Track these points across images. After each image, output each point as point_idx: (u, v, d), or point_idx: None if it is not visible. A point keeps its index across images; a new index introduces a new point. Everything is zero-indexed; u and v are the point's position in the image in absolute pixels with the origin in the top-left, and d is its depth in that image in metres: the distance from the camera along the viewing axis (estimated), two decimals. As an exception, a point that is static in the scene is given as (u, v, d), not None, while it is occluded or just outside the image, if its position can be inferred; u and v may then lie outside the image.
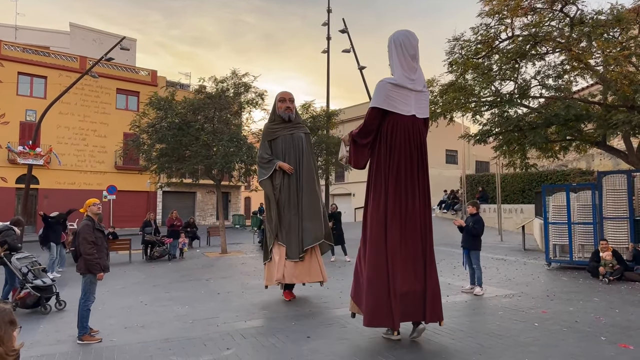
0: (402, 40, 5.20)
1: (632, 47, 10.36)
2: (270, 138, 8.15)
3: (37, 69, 27.43)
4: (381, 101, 5.09)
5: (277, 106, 8.17)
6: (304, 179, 7.96)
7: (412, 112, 5.17)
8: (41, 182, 26.80)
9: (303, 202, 7.84)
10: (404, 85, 5.11)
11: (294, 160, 7.98)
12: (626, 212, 9.74)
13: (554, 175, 20.64)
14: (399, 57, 5.17)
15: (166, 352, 5.05)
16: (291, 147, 8.04)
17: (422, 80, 5.34)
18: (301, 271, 7.60)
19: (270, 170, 7.88)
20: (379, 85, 5.15)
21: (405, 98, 5.14)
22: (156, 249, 14.56)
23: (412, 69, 5.18)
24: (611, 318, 5.99)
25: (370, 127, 5.21)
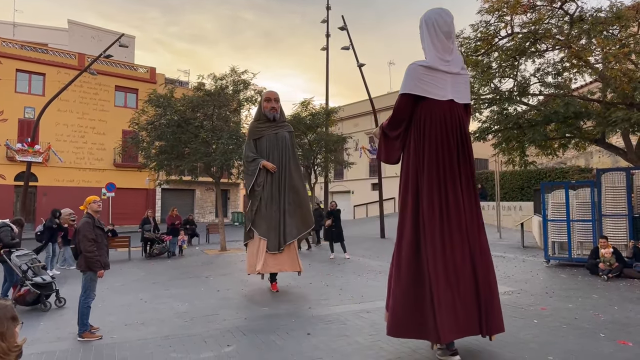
0: (435, 18, 4.56)
1: (632, 44, 10.37)
2: (256, 137, 8.61)
3: (36, 66, 27.37)
4: (412, 86, 4.47)
5: (262, 105, 8.62)
6: (287, 177, 8.45)
7: (449, 97, 4.52)
8: (40, 179, 26.76)
9: (286, 199, 8.37)
10: (438, 67, 4.48)
11: (277, 159, 8.42)
12: (625, 210, 9.76)
13: (553, 172, 20.67)
14: (431, 38, 4.54)
15: (166, 349, 5.06)
16: (275, 146, 8.47)
17: (459, 61, 4.69)
18: (280, 261, 8.25)
19: (255, 169, 8.38)
20: (409, 69, 4.53)
21: (440, 82, 4.50)
22: (155, 247, 14.56)
23: (447, 50, 4.53)
24: (610, 315, 6.01)
25: (400, 117, 4.62)
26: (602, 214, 10.01)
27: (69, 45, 31.94)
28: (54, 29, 34.36)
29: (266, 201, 8.30)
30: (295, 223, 8.44)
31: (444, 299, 4.17)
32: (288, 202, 8.42)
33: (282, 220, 8.30)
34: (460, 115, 4.61)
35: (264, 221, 8.28)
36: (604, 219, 10.00)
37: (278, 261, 8.23)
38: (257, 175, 8.36)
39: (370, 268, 10.87)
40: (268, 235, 8.24)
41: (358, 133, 31.56)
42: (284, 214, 8.33)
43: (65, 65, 28.11)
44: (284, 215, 8.33)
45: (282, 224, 8.29)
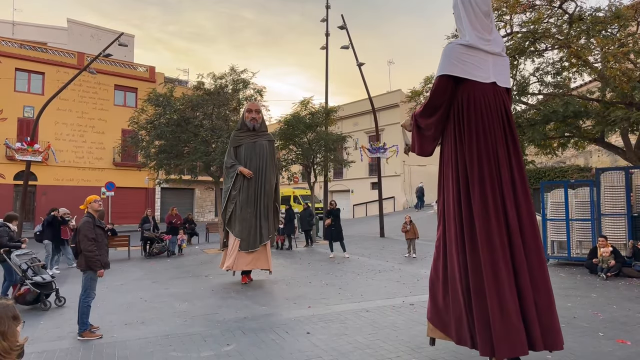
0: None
1: (631, 44, 10.38)
2: (235, 145, 9.42)
3: (35, 65, 27.32)
4: (452, 67, 4.00)
5: (244, 116, 9.49)
6: (264, 182, 9.21)
7: (492, 79, 4.07)
8: (39, 178, 26.75)
9: (262, 203, 9.16)
10: (479, 46, 4.02)
11: (255, 165, 9.18)
12: (624, 209, 9.78)
13: (552, 171, 20.68)
14: (468, 16, 4.08)
15: (166, 348, 5.07)
16: (253, 153, 9.26)
17: (500, 41, 4.28)
18: (252, 259, 9.08)
19: (233, 174, 9.15)
20: (447, 47, 4.11)
21: (482, 62, 4.04)
22: (155, 246, 14.56)
23: (487, 28, 4.10)
24: (609, 314, 6.03)
25: (438, 102, 4.12)
26: (601, 213, 10.03)
27: (69, 44, 31.89)
28: (53, 28, 34.30)
29: (242, 204, 9.06)
30: (268, 226, 9.25)
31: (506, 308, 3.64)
32: (264, 206, 9.18)
33: (257, 223, 9.06)
34: (505, 100, 4.15)
35: (238, 222, 9.02)
36: (603, 218, 10.02)
37: (249, 260, 9.04)
38: (234, 180, 9.11)
39: (369, 267, 10.89)
40: (241, 236, 8.97)
41: (358, 132, 31.55)
42: (259, 217, 9.09)
43: (64, 64, 28.07)
44: (260, 217, 9.10)
45: (258, 226, 9.06)
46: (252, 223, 8.99)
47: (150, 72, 31.99)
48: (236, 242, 9.00)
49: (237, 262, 8.94)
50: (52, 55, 28.13)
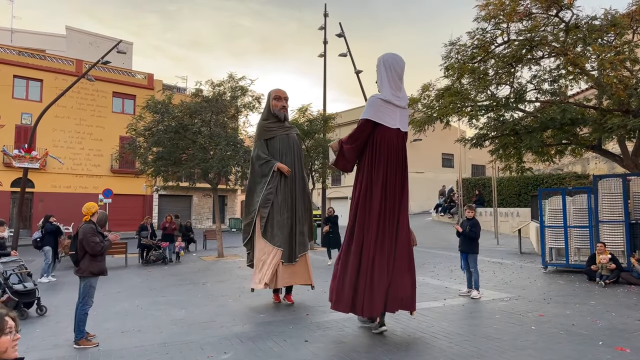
0: (392, 62, 5.82)
1: (627, 51, 10.43)
2: (268, 137, 7.81)
3: (33, 72, 27.36)
4: (373, 115, 5.71)
5: (271, 104, 7.87)
6: (298, 182, 7.83)
7: (397, 126, 5.81)
8: (37, 185, 26.68)
9: (298, 206, 7.74)
10: (392, 101, 5.76)
11: (290, 162, 7.74)
12: (621, 216, 9.79)
13: (550, 178, 20.72)
14: (388, 77, 5.80)
15: (163, 356, 5.03)
16: (287, 147, 7.81)
17: (406, 98, 6.06)
18: (291, 274, 7.55)
19: (269, 172, 7.56)
20: (371, 100, 5.85)
21: (392, 113, 5.77)
22: (152, 253, 14.52)
23: (399, 88, 5.85)
24: (608, 321, 6.02)
25: (359, 136, 5.80)
26: (599, 220, 10.04)
27: (67, 51, 31.96)
28: (51, 35, 34.38)
29: (279, 207, 7.54)
30: (306, 232, 7.89)
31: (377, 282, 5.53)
32: (301, 209, 7.78)
33: (295, 229, 7.64)
34: (403, 140, 5.93)
35: (278, 229, 7.46)
36: (601, 225, 10.03)
37: (288, 274, 7.50)
38: (270, 178, 7.55)
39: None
40: (283, 245, 7.47)
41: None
42: (297, 222, 7.68)
43: (62, 72, 28.11)
44: (297, 223, 7.68)
45: (296, 232, 7.64)
46: (290, 229, 7.59)
47: (149, 80, 32.04)
48: (276, 253, 7.39)
49: (278, 278, 7.35)
50: (50, 63, 28.17)
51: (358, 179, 5.90)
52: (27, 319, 7.19)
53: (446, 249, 15.72)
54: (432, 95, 13.08)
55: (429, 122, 13.04)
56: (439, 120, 13.06)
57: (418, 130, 13.43)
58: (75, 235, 5.86)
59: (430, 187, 30.46)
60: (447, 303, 7.44)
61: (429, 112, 13.07)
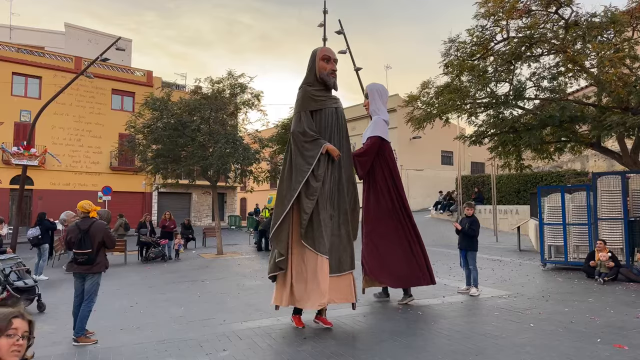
0: (382, 90, 7.66)
1: (626, 49, 10.42)
2: (315, 108, 6.04)
3: (32, 69, 27.29)
4: (382, 132, 7.39)
5: (318, 66, 6.11)
6: (345, 171, 6.18)
7: (389, 140, 7.59)
8: (36, 183, 26.66)
9: (345, 200, 6.10)
10: (387, 120, 7.57)
11: (338, 144, 6.09)
12: (620, 213, 9.80)
13: (549, 176, 20.74)
14: (382, 102, 7.63)
15: (162, 353, 5.04)
16: (336, 125, 6.13)
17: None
18: (337, 288, 5.84)
19: (315, 154, 5.82)
20: (379, 120, 7.44)
21: (387, 130, 7.49)
22: (151, 250, 14.52)
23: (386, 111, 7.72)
24: (606, 318, 6.03)
25: (374, 149, 7.33)
26: (598, 218, 10.05)
27: (66, 48, 31.88)
28: (50, 32, 34.29)
29: (324, 202, 5.85)
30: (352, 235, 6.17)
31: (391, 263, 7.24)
32: (348, 205, 6.15)
33: (341, 231, 6.04)
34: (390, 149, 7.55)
35: (324, 232, 5.69)
36: (600, 223, 10.04)
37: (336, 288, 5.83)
38: (315, 162, 5.79)
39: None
40: (330, 253, 5.75)
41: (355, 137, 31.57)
42: (342, 222, 6.04)
43: (61, 69, 28.04)
44: (341, 224, 6.04)
45: (342, 236, 6.02)
46: (336, 232, 5.90)
47: (148, 77, 31.98)
48: (322, 263, 5.62)
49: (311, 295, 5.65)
50: (49, 60, 28.10)
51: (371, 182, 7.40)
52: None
53: (445, 247, 15.73)
54: (431, 93, 13.08)
55: (429, 119, 13.03)
56: (439, 117, 13.06)
57: (417, 127, 13.42)
58: (85, 232, 5.78)
59: (430, 185, 30.47)
60: (446, 300, 7.45)
61: (428, 109, 13.06)
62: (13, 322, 1.97)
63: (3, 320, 1.96)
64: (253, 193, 20.60)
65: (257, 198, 34.94)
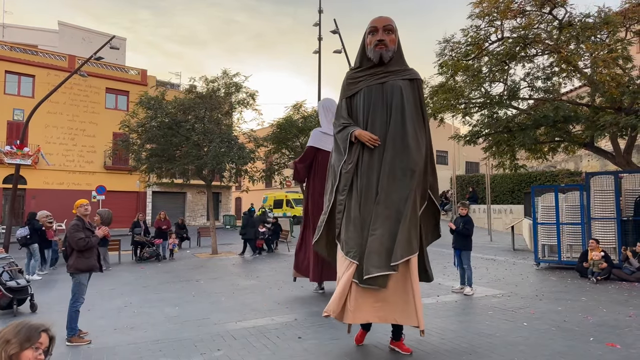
0: (328, 105, 8.52)
1: (620, 49, 10.49)
2: (349, 94, 5.21)
3: (25, 68, 27.12)
4: (315, 142, 8.38)
5: (366, 42, 5.11)
6: (398, 157, 4.79)
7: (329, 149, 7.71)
8: (29, 182, 26.49)
9: (394, 193, 4.79)
10: (328, 132, 7.86)
11: (381, 125, 4.89)
12: (613, 213, 9.86)
13: (543, 176, 20.85)
14: (325, 115, 8.45)
15: (156, 353, 5.02)
16: (379, 103, 4.96)
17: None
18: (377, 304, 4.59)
19: (345, 145, 4.97)
20: (313, 132, 8.64)
21: (328, 140, 7.65)
22: (146, 250, 14.46)
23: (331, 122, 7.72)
24: (599, 317, 6.06)
25: (308, 157, 8.47)
26: (591, 217, 10.11)
27: (59, 46, 31.69)
28: (44, 31, 34.07)
29: (358, 197, 4.83)
30: (408, 236, 4.64)
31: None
32: (399, 198, 4.80)
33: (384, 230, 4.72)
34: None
35: (355, 231, 4.73)
36: (593, 222, 10.10)
37: (377, 303, 4.59)
38: (347, 152, 4.97)
39: (361, 271, 10.86)
40: (360, 257, 4.61)
41: (350, 136, 31.53)
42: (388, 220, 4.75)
43: (55, 67, 27.88)
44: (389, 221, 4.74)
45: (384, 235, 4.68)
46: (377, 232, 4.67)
47: (142, 75, 31.86)
48: (349, 267, 4.64)
49: (359, 309, 4.55)
50: (42, 58, 27.93)
51: (308, 186, 8.58)
52: (18, 316, 7.15)
53: (439, 246, 15.73)
54: (426, 93, 13.10)
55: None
56: (433, 117, 13.09)
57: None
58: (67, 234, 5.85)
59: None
60: (440, 299, 7.47)
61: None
62: (41, 336, 2.00)
63: (35, 333, 1.98)
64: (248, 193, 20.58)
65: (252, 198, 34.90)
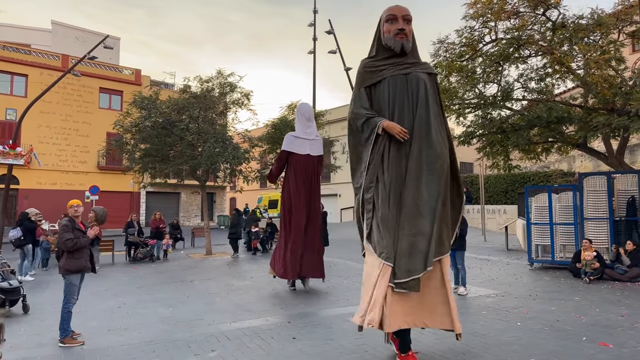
0: (302, 110, 9.09)
1: (612, 51, 10.57)
2: (370, 82, 4.78)
3: (18, 67, 26.93)
4: (287, 146, 8.77)
5: (383, 30, 4.74)
6: (425, 151, 4.49)
7: (307, 152, 8.76)
8: (22, 182, 26.31)
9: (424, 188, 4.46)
10: (301, 136, 8.80)
11: (408, 118, 4.57)
12: (606, 213, 9.93)
13: (537, 176, 20.95)
14: (299, 120, 9.04)
15: (150, 354, 5.00)
16: (405, 94, 4.63)
17: (315, 132, 9.13)
18: (414, 308, 4.34)
19: (369, 137, 4.62)
20: (286, 136, 8.95)
21: (303, 144, 8.75)
22: (139, 250, 14.39)
23: (307, 126, 8.95)
24: (591, 317, 6.10)
25: (281, 160, 8.92)
26: (584, 217, 10.17)
27: (53, 46, 31.50)
28: (37, 30, 33.86)
29: (387, 193, 4.48)
30: (439, 233, 4.45)
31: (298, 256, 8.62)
32: (429, 194, 4.43)
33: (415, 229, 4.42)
34: (314, 161, 8.87)
35: (386, 230, 4.38)
36: (586, 222, 10.16)
37: (414, 308, 4.34)
38: (372, 146, 4.59)
39: (356, 271, 10.88)
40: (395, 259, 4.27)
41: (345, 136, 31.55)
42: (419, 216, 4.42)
43: (48, 67, 27.70)
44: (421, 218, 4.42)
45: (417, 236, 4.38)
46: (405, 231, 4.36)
47: (136, 75, 31.72)
48: (384, 271, 4.25)
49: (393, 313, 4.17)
50: (35, 57, 27.75)
51: (284, 187, 9.02)
52: (11, 317, 7.09)
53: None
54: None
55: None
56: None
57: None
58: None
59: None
60: (434, 300, 7.48)
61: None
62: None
63: None
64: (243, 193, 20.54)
65: (246, 198, 34.84)
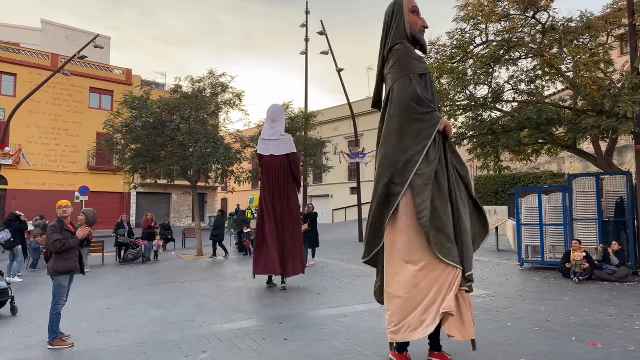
0: (268, 111, 9.75)
1: (601, 53, 10.68)
2: (421, 71, 4.48)
3: (7, 67, 26.63)
4: (259, 150, 9.56)
5: (409, 20, 4.57)
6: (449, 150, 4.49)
7: (271, 153, 9.37)
8: (10, 182, 26.02)
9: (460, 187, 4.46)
10: (265, 138, 9.52)
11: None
12: (595, 214, 10.03)
13: (527, 177, 21.11)
14: (266, 122, 9.85)
15: (140, 356, 4.97)
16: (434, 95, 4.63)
17: (279, 131, 9.55)
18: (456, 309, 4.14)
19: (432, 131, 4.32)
20: (259, 140, 9.68)
21: (267, 145, 9.44)
22: (130, 252, 14.29)
23: (271, 127, 9.59)
24: (581, 317, 6.16)
25: (260, 164, 9.67)
26: (574, 218, 10.27)
27: (42, 45, 31.18)
28: (26, 29, 33.48)
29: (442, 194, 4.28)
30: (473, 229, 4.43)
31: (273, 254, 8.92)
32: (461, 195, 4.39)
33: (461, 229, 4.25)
34: (282, 161, 9.34)
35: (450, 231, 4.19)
36: (575, 223, 10.26)
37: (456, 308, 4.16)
38: (431, 142, 4.29)
39: (348, 272, 10.89)
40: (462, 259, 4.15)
41: (337, 137, 31.66)
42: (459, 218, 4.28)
43: (37, 66, 27.43)
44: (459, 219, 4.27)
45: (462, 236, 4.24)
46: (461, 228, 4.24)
47: (127, 75, 31.52)
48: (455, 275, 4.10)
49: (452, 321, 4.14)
50: (24, 57, 27.47)
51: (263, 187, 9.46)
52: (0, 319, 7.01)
53: (425, 247, 15.82)
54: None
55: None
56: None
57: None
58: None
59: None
60: (425, 300, 7.50)
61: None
62: None
63: None
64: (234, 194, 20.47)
65: (238, 199, 34.74)
